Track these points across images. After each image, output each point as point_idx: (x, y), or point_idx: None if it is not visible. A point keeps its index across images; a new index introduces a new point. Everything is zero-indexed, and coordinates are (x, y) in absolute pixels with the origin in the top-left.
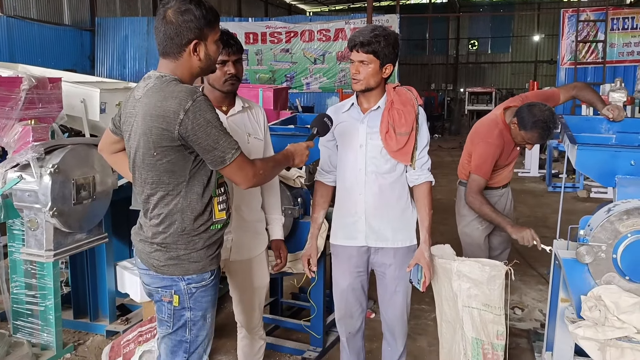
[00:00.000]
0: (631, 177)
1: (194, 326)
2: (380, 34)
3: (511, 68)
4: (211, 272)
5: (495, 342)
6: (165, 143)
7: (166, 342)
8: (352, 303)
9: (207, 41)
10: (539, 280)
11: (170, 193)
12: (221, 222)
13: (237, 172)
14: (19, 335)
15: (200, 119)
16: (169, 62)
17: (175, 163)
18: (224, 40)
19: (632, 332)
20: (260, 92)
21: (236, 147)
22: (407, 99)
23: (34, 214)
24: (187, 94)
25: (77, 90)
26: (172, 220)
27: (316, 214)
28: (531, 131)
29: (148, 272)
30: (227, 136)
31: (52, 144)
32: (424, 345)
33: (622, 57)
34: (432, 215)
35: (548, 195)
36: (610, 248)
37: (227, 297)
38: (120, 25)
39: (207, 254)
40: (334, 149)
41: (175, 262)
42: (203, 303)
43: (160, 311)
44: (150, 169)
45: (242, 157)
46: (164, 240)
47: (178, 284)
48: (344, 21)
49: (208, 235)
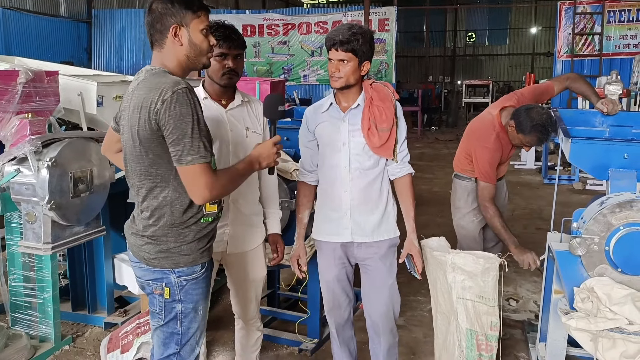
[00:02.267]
0: (624, 170)
1: (185, 318)
2: (358, 32)
3: (508, 60)
4: (202, 265)
5: (489, 333)
6: (147, 134)
7: (158, 334)
8: (339, 294)
9: (190, 27)
10: (534, 272)
11: (158, 185)
12: (212, 215)
13: (191, 180)
14: (18, 327)
15: (174, 110)
16: (157, 52)
17: (160, 155)
18: (225, 34)
19: (623, 323)
20: (257, 84)
21: (202, 154)
22: (385, 95)
23: (31, 207)
24: (170, 85)
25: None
26: (161, 212)
27: (301, 214)
28: (530, 135)
29: (139, 265)
30: (199, 139)
31: (50, 137)
32: (419, 336)
33: (618, 49)
34: (415, 205)
35: (544, 187)
36: (602, 240)
37: (225, 288)
38: (118, 17)
39: (198, 247)
40: (315, 149)
41: (165, 254)
42: (194, 295)
43: (152, 303)
44: (138, 160)
45: (203, 168)
46: (154, 233)
47: (169, 277)
48: (342, 13)
49: (198, 228)
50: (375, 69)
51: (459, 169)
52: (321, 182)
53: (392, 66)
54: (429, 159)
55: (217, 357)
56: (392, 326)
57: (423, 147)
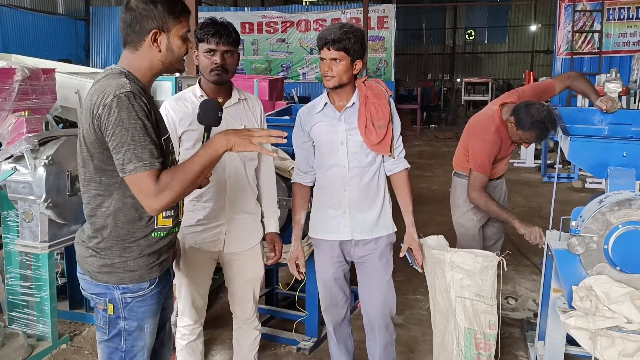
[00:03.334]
0: (623, 169)
1: (129, 336)
2: (350, 31)
3: (508, 58)
4: (150, 282)
5: (487, 331)
6: (92, 139)
7: (102, 348)
8: (337, 292)
9: (170, 33)
10: (533, 270)
11: (101, 194)
12: (165, 230)
13: (137, 190)
14: (15, 326)
15: (113, 116)
16: (128, 52)
17: (104, 161)
18: (215, 30)
19: (622, 321)
20: (256, 82)
21: (147, 161)
22: (379, 92)
23: (28, 206)
24: (113, 88)
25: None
26: (104, 223)
27: (298, 216)
28: (529, 131)
29: (84, 277)
30: (138, 144)
31: (46, 135)
32: (417, 334)
33: (617, 47)
34: (413, 200)
35: (543, 185)
36: (601, 239)
37: (223, 287)
38: (116, 15)
39: (147, 262)
40: (310, 149)
41: (109, 269)
42: (139, 313)
43: (97, 317)
44: (83, 164)
45: (146, 176)
46: (98, 245)
47: (112, 292)
48: (340, 11)
49: (147, 243)
50: (374, 66)
51: (459, 167)
52: (319, 181)
53: (391, 64)
54: (428, 157)
55: (215, 356)
56: (388, 323)
57: (422, 145)
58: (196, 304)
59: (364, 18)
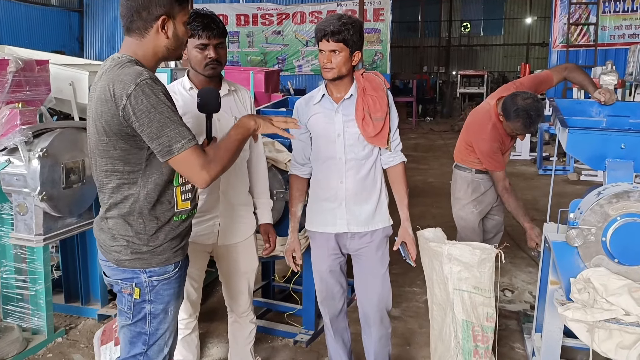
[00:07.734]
0: (621, 161)
1: (155, 319)
2: (348, 22)
3: (503, 51)
4: (175, 265)
5: (485, 324)
6: (115, 129)
7: (125, 332)
8: (333, 285)
9: (176, 20)
10: (529, 263)
11: (125, 182)
12: (185, 213)
13: (187, 167)
14: (9, 320)
15: (142, 104)
16: (132, 40)
17: (128, 150)
18: (204, 24)
19: (620, 313)
20: (252, 74)
21: (190, 137)
22: (377, 84)
23: (22, 199)
24: (132, 77)
25: (66, 72)
26: (130, 210)
27: (294, 208)
28: (514, 121)
29: (108, 264)
30: (177, 124)
31: (41, 127)
32: (414, 327)
33: (613, 39)
34: (408, 193)
35: (539, 178)
36: (599, 231)
37: (218, 280)
38: (109, 6)
39: (171, 246)
40: (307, 141)
41: (137, 255)
42: (165, 296)
43: (120, 302)
44: (104, 155)
45: (194, 150)
46: (125, 234)
47: (139, 277)
48: (336, 3)
49: (170, 228)
50: (370, 59)
51: (459, 160)
52: (315, 174)
53: (386, 56)
54: (423, 150)
55: (212, 350)
56: (383, 316)
57: (418, 138)
58: (190, 298)
59: (359, 10)
